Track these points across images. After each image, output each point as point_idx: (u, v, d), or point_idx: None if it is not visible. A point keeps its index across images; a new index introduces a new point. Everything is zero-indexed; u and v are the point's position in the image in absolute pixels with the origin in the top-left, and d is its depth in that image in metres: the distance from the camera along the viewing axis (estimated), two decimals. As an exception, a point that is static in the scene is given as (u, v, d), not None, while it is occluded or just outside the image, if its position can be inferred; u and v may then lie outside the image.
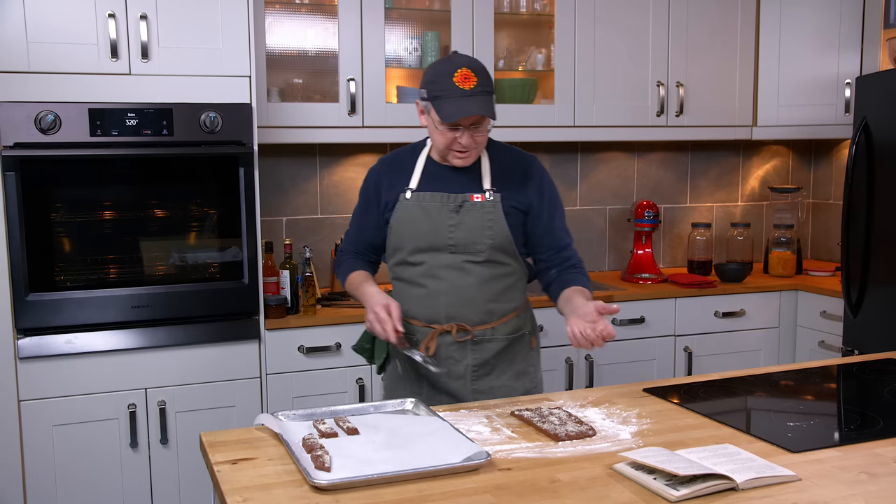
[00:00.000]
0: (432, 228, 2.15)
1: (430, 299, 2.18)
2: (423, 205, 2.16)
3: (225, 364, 2.99)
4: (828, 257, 4.35)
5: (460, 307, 2.16)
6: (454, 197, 2.15)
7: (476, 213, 2.14)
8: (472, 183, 2.17)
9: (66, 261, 2.83)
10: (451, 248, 2.15)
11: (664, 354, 3.62)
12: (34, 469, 2.81)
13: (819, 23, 3.84)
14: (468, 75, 2.02)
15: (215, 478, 1.55)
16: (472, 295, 2.16)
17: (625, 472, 1.53)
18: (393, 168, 2.26)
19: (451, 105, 2.02)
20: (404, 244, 2.19)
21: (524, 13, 3.73)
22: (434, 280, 2.17)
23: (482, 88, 2.03)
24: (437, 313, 2.18)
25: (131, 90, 2.82)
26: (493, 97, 2.08)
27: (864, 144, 3.31)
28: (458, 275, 2.15)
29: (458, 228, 2.14)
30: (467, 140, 2.07)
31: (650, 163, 4.20)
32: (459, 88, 2.01)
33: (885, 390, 2.08)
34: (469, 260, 2.15)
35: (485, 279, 2.16)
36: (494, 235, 2.14)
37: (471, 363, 2.19)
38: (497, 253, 2.16)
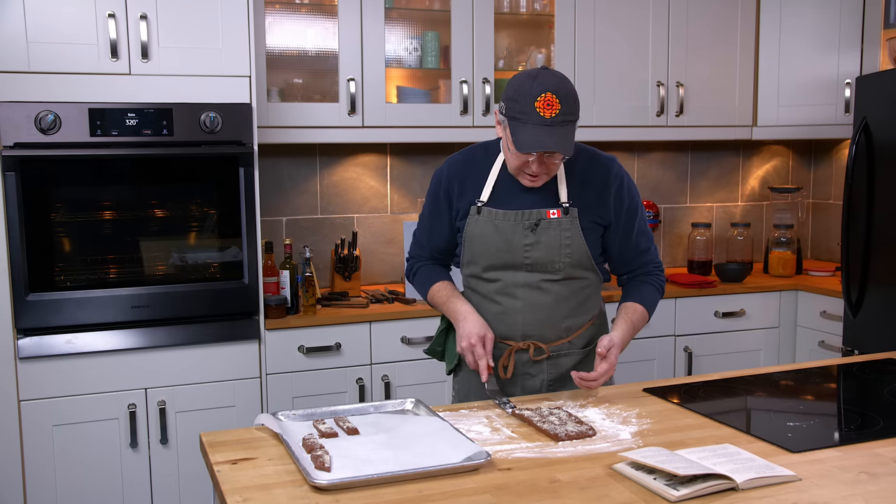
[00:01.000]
0: (506, 247, 2.05)
1: (505, 317, 2.10)
2: (496, 222, 2.05)
3: (225, 364, 2.99)
4: (828, 257, 4.35)
5: (537, 326, 2.09)
6: (528, 214, 2.03)
7: (553, 231, 2.03)
8: (547, 197, 2.05)
9: (66, 261, 2.83)
10: (528, 267, 2.05)
11: (664, 354, 3.62)
12: (34, 469, 2.81)
13: (819, 22, 3.84)
14: (552, 102, 1.87)
15: (215, 478, 1.55)
16: (549, 314, 2.09)
17: (625, 472, 1.52)
18: (464, 173, 2.12)
19: (527, 133, 1.88)
20: (478, 260, 2.10)
21: (524, 13, 3.72)
22: (510, 298, 2.09)
23: (564, 118, 1.88)
24: (513, 332, 2.10)
25: (131, 90, 2.82)
26: (576, 125, 1.93)
27: (864, 144, 3.31)
28: (536, 294, 2.07)
29: (534, 248, 2.04)
30: (538, 168, 1.95)
31: (650, 163, 4.20)
32: (539, 116, 1.87)
33: (885, 390, 2.08)
34: (546, 279, 2.06)
35: (562, 297, 2.09)
36: (573, 253, 2.05)
37: (546, 378, 2.13)
38: (575, 269, 2.07)
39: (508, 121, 1.93)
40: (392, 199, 3.77)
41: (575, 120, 1.93)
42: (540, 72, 1.93)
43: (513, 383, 2.13)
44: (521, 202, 2.05)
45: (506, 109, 1.94)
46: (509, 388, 2.13)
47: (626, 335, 2.06)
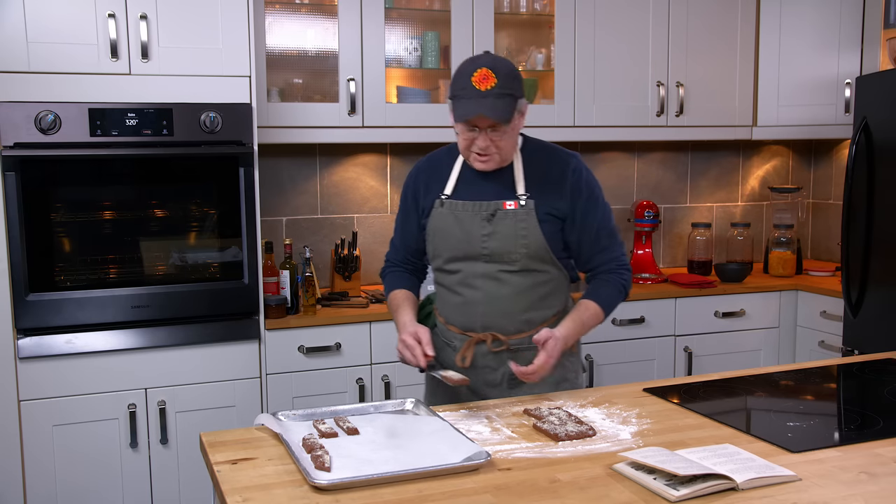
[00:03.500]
0: (465, 238, 2.09)
1: (466, 308, 2.13)
2: (456, 213, 2.10)
3: (225, 364, 2.99)
4: (828, 257, 4.35)
5: (496, 317, 2.11)
6: (486, 205, 2.08)
7: (509, 222, 2.07)
8: (506, 189, 2.10)
9: (66, 261, 2.83)
10: (486, 258, 2.09)
11: (664, 354, 3.62)
12: (34, 469, 2.81)
13: (819, 22, 3.84)
14: (487, 75, 1.94)
15: (215, 478, 1.55)
16: (508, 305, 2.11)
17: (625, 472, 1.52)
18: (429, 172, 2.20)
19: (463, 105, 1.97)
20: (440, 252, 2.15)
21: (524, 13, 3.73)
22: (470, 289, 2.12)
23: (500, 90, 1.95)
24: (473, 322, 2.13)
25: (131, 90, 2.82)
26: (519, 100, 1.99)
27: (864, 144, 3.31)
28: (494, 284, 2.10)
29: (491, 238, 2.07)
30: (483, 142, 2.00)
31: (650, 163, 4.20)
32: (475, 89, 1.95)
33: (885, 390, 2.08)
34: (504, 269, 2.09)
35: (521, 289, 2.10)
36: (529, 244, 2.07)
37: (507, 372, 2.13)
38: (533, 261, 2.09)
39: (451, 103, 2.02)
40: (392, 199, 3.77)
41: (513, 94, 1.98)
42: (480, 55, 2.03)
43: (474, 376, 2.15)
44: (480, 194, 2.11)
45: (449, 92, 2.03)
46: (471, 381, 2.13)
47: (570, 331, 2.05)
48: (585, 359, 3.46)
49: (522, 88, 2.03)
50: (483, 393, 2.16)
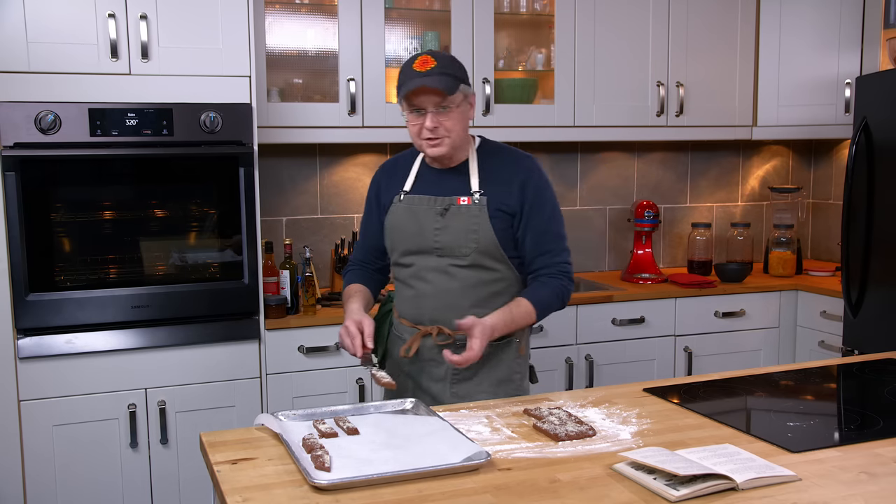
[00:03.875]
0: (419, 231, 2.15)
1: (416, 300, 2.19)
2: (412, 207, 2.17)
3: (225, 364, 2.99)
4: (828, 257, 4.35)
5: (444, 311, 2.15)
6: (441, 200, 2.15)
7: (461, 217, 2.12)
8: (461, 186, 2.16)
9: (66, 261, 2.83)
10: (438, 252, 2.14)
11: (664, 354, 3.62)
12: (34, 469, 2.81)
13: (819, 22, 3.84)
14: (426, 59, 2.04)
15: (215, 478, 1.55)
16: (455, 299, 2.14)
17: (625, 472, 1.52)
18: (392, 172, 2.29)
19: (406, 85, 2.04)
20: (396, 246, 2.21)
21: (524, 13, 3.73)
22: (421, 282, 2.17)
23: (440, 70, 2.02)
24: (422, 315, 2.18)
25: (131, 90, 2.82)
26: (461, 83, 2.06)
27: (864, 144, 3.31)
28: (443, 278, 2.14)
29: (443, 232, 2.13)
30: (431, 123, 2.05)
31: (650, 163, 4.20)
32: (415, 70, 2.03)
33: (885, 390, 2.08)
34: (454, 264, 2.13)
35: (470, 284, 2.14)
36: (479, 239, 2.11)
37: (451, 367, 2.15)
38: (483, 257, 2.13)
39: (398, 96, 2.07)
40: (392, 199, 3.76)
41: (453, 75, 2.05)
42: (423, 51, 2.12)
43: (419, 370, 2.20)
44: (437, 190, 2.18)
45: (398, 89, 2.08)
46: (415, 374, 2.21)
47: (498, 321, 2.06)
48: (585, 359, 3.47)
49: (466, 76, 2.10)
50: (426, 387, 2.20)
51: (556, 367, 3.43)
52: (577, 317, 3.45)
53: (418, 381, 2.21)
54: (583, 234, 4.08)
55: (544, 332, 3.37)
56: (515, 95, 3.62)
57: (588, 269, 4.12)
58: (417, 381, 2.21)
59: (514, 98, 3.62)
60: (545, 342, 3.38)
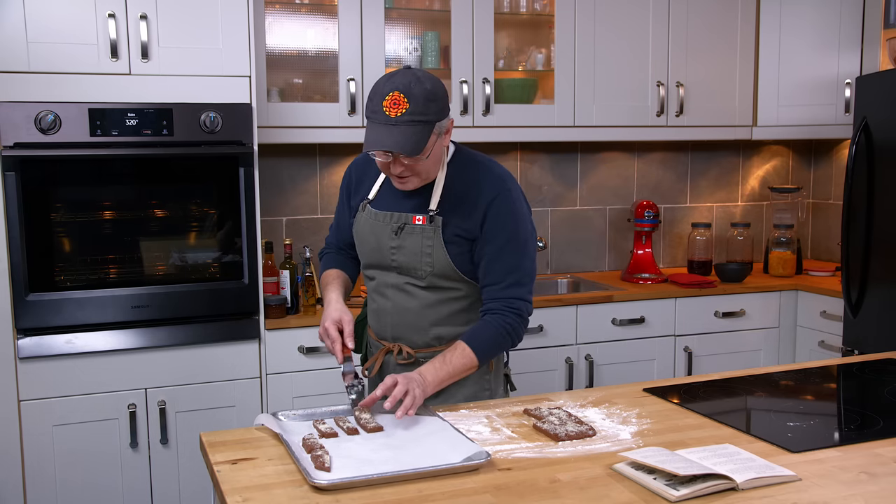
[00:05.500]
0: (377, 247, 2.07)
1: (378, 316, 2.13)
2: (372, 222, 2.07)
3: (225, 364, 2.99)
4: (828, 257, 4.35)
5: (404, 329, 2.08)
6: (397, 217, 2.03)
7: (416, 238, 2.01)
8: (422, 202, 2.02)
9: (66, 261, 2.83)
10: (396, 269, 2.06)
11: (664, 354, 3.62)
12: (34, 469, 2.81)
13: (819, 22, 3.84)
14: (398, 101, 1.82)
15: (215, 478, 1.56)
16: (415, 318, 2.06)
17: (625, 472, 1.53)
18: (362, 171, 2.18)
19: (372, 132, 1.87)
20: (360, 256, 2.16)
21: (524, 13, 3.72)
22: (382, 297, 2.11)
23: (411, 118, 1.82)
24: (384, 331, 2.12)
25: (131, 90, 2.82)
26: (437, 124, 1.87)
27: (864, 144, 3.31)
28: (402, 296, 2.06)
29: (398, 251, 2.03)
30: (398, 169, 1.92)
31: (650, 163, 4.20)
32: (385, 115, 1.84)
33: (885, 390, 2.08)
34: (411, 283, 2.04)
35: (429, 303, 2.04)
36: (433, 263, 2.00)
37: None
38: (440, 279, 2.02)
39: (366, 121, 1.91)
40: (392, 199, 3.76)
41: (425, 121, 1.84)
42: (399, 70, 1.90)
43: None
44: (397, 205, 2.05)
45: (366, 110, 1.92)
46: None
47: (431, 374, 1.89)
48: (585, 358, 3.46)
49: (442, 108, 1.89)
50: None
51: (556, 367, 3.43)
52: (577, 317, 3.45)
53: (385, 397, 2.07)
54: (583, 234, 4.08)
55: (544, 332, 3.37)
56: (515, 95, 3.62)
57: (588, 269, 4.12)
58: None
59: (514, 98, 3.62)
60: (545, 342, 3.38)
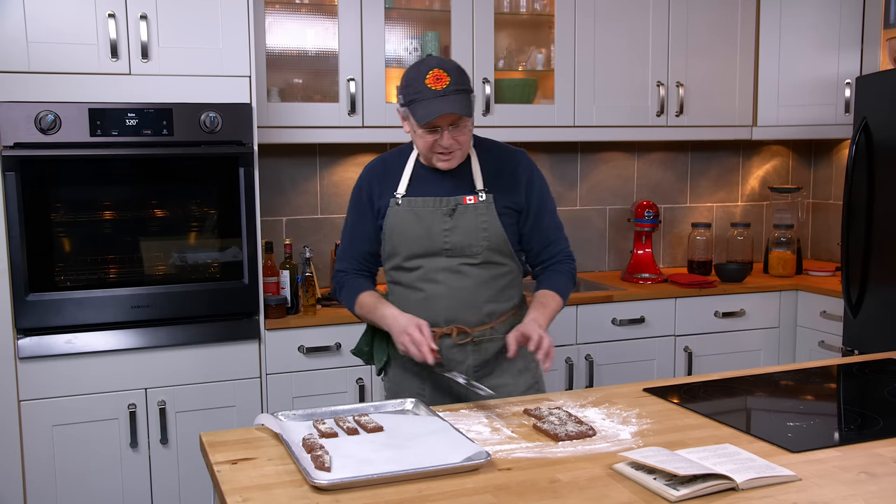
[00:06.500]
0: (426, 234, 2.13)
1: (428, 303, 2.16)
2: (416, 210, 2.14)
3: (225, 364, 2.99)
4: (828, 257, 4.35)
5: (459, 310, 2.15)
6: (447, 200, 2.13)
7: (470, 216, 2.13)
8: (463, 185, 2.16)
9: (66, 261, 2.83)
10: (447, 252, 2.13)
11: (664, 354, 3.62)
12: (34, 469, 2.81)
13: (819, 23, 3.84)
14: (440, 75, 2.00)
15: (215, 478, 1.56)
16: (470, 297, 2.14)
17: (625, 472, 1.53)
18: (382, 174, 2.23)
19: (424, 107, 2.00)
20: (399, 250, 2.17)
21: (524, 13, 3.72)
22: (431, 284, 2.15)
23: (455, 87, 2.01)
24: (437, 317, 2.15)
25: (131, 90, 2.82)
26: (471, 95, 2.06)
27: (864, 144, 3.31)
28: (456, 278, 2.14)
29: (452, 232, 2.12)
30: (448, 141, 2.05)
31: (650, 163, 4.20)
32: (431, 90, 2.00)
33: (885, 390, 2.08)
34: (465, 262, 2.13)
35: (482, 280, 2.15)
36: (490, 237, 2.13)
37: (472, 364, 2.17)
38: (493, 254, 2.15)
39: (409, 107, 2.05)
40: (392, 199, 3.76)
41: (467, 90, 2.04)
42: (424, 59, 2.09)
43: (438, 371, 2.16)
44: (438, 190, 2.16)
45: (403, 99, 2.07)
46: (437, 376, 2.17)
47: (544, 318, 2.10)
48: (585, 359, 3.46)
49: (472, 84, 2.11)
50: (448, 387, 2.18)
51: (557, 367, 3.43)
52: (577, 317, 3.45)
53: (438, 382, 2.18)
54: (583, 234, 4.08)
55: (544, 332, 3.37)
56: (515, 95, 3.62)
57: (588, 269, 4.12)
58: (438, 382, 2.18)
59: (514, 98, 3.62)
60: (545, 342, 3.38)
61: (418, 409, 1.89)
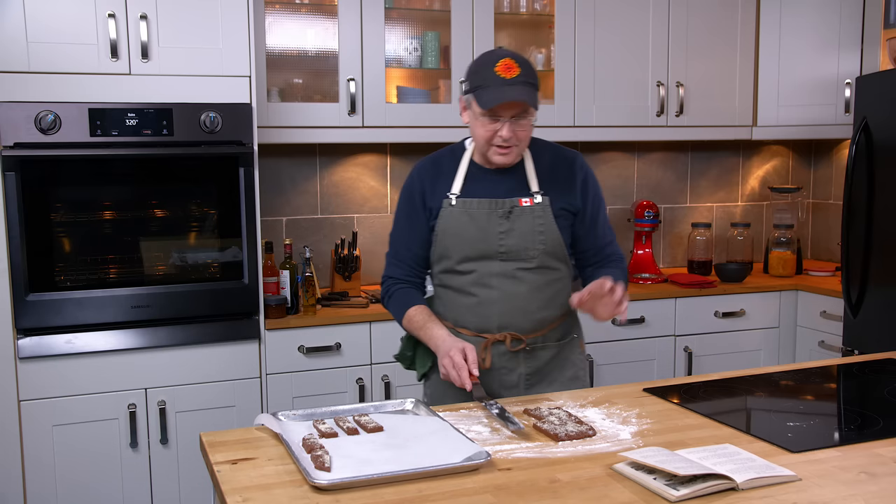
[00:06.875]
0: (481, 236, 2.07)
1: (481, 308, 2.10)
2: (470, 211, 2.08)
3: (225, 364, 2.99)
4: (828, 257, 4.35)
5: (512, 316, 2.10)
6: (503, 202, 2.07)
7: (527, 218, 2.07)
8: (519, 186, 2.10)
9: (66, 261, 2.83)
10: (502, 256, 2.07)
11: (664, 354, 3.62)
12: (34, 469, 2.81)
13: (819, 23, 3.84)
14: (510, 65, 1.96)
15: (215, 478, 1.56)
16: (524, 303, 2.09)
17: (625, 472, 1.52)
18: (434, 173, 2.15)
19: (490, 93, 1.95)
20: (451, 253, 2.10)
21: (524, 13, 3.73)
22: (485, 289, 2.09)
23: (524, 79, 1.97)
24: (489, 323, 2.10)
25: (131, 90, 2.82)
26: (538, 92, 2.01)
27: (864, 144, 3.31)
28: (510, 283, 2.08)
29: (508, 235, 2.07)
30: (508, 132, 1.99)
31: (650, 163, 4.20)
32: (500, 77, 1.95)
33: (885, 390, 2.08)
34: (521, 267, 2.08)
35: (537, 286, 2.10)
36: (546, 240, 2.08)
37: (524, 372, 2.13)
38: (548, 258, 2.10)
39: (473, 93, 2.00)
40: (392, 199, 3.77)
41: (535, 85, 2.01)
42: (495, 49, 2.06)
43: (490, 378, 2.13)
44: (493, 191, 2.10)
45: (468, 85, 2.02)
46: (486, 383, 2.11)
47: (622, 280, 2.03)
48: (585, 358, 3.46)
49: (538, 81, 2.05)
50: (497, 394, 2.13)
51: (556, 367, 3.43)
52: (577, 317, 3.45)
53: (489, 390, 2.11)
54: (583, 234, 4.08)
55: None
56: (515, 95, 3.62)
57: (588, 269, 4.12)
58: (489, 390, 2.10)
59: (514, 98, 3.61)
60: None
61: (418, 409, 1.89)
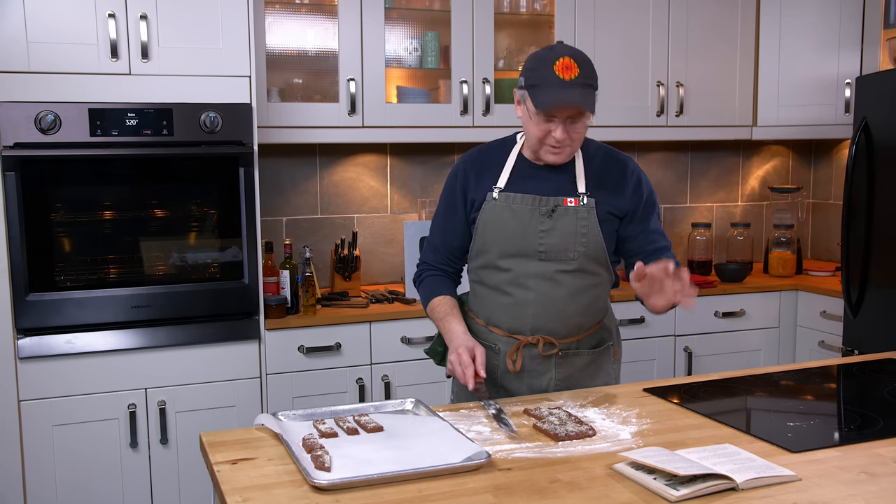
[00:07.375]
0: (522, 233, 2.02)
1: (516, 309, 2.06)
2: (513, 206, 2.03)
3: (225, 364, 2.99)
4: (828, 257, 4.35)
5: (548, 320, 2.05)
6: (546, 200, 2.02)
7: (569, 219, 2.01)
8: (565, 185, 2.05)
9: (66, 261, 2.83)
10: (541, 255, 2.02)
11: (664, 354, 3.62)
12: (34, 469, 2.81)
13: (819, 23, 3.84)
14: (569, 65, 1.89)
15: (215, 478, 1.55)
16: (561, 307, 2.05)
17: (625, 472, 1.52)
18: (480, 165, 2.11)
19: (547, 94, 1.90)
20: (490, 248, 2.06)
21: (524, 13, 3.72)
22: (522, 290, 2.04)
23: (583, 80, 1.90)
24: (523, 324, 2.06)
25: (131, 90, 2.82)
26: (596, 93, 1.94)
27: (864, 144, 3.31)
28: (549, 285, 2.03)
29: (549, 234, 2.01)
30: (561, 134, 1.93)
31: (650, 163, 4.20)
32: (558, 78, 1.89)
33: (885, 390, 2.08)
34: (560, 269, 2.03)
35: (575, 290, 2.05)
36: (588, 243, 2.02)
37: (554, 377, 2.10)
38: (588, 261, 2.04)
39: (528, 90, 1.94)
40: (392, 199, 3.77)
41: (594, 86, 1.94)
42: (555, 45, 1.97)
43: (520, 381, 2.10)
44: (538, 188, 2.04)
45: (524, 81, 1.96)
46: (516, 387, 2.09)
47: None
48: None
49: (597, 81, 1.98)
50: (513, 392, 2.11)
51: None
52: (577, 317, 3.45)
53: (518, 392, 2.10)
54: (583, 234, 4.08)
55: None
56: (515, 95, 3.62)
57: (588, 269, 4.12)
58: (518, 392, 2.10)
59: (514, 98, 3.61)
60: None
61: (418, 409, 1.89)
